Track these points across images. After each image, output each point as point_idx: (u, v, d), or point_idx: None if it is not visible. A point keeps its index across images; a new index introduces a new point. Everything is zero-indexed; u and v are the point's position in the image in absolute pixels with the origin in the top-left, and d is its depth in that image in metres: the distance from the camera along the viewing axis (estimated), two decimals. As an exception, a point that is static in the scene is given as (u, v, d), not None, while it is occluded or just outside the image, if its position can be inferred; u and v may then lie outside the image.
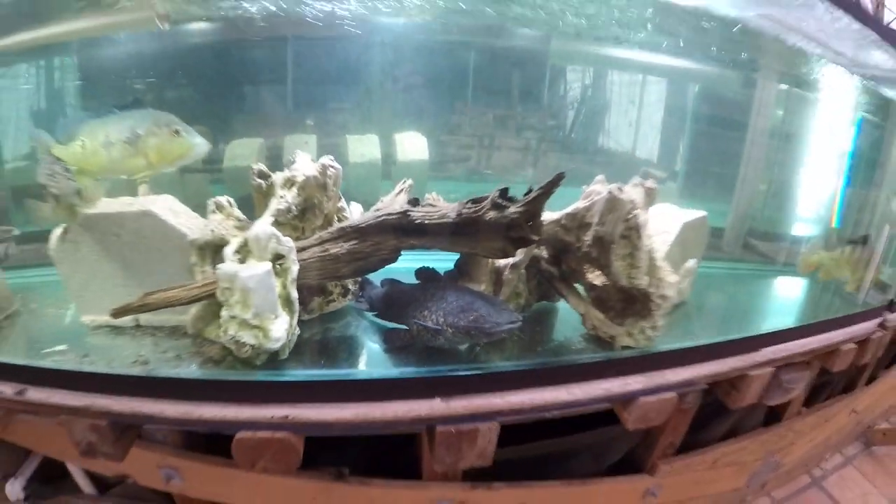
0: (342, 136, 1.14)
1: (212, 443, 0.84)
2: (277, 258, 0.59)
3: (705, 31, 1.02)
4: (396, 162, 1.09)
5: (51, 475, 1.03)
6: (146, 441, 0.80)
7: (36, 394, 0.72)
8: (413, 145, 1.08)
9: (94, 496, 1.04)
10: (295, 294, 0.59)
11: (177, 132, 0.78)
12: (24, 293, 0.91)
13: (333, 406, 0.64)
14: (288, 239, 0.59)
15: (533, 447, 0.97)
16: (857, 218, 1.15)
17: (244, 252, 0.60)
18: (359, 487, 0.85)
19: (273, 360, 0.64)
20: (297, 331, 0.62)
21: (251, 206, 0.76)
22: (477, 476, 0.92)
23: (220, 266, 0.57)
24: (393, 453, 0.92)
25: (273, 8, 0.81)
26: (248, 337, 0.56)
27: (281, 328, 0.57)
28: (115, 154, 0.80)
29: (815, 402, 1.45)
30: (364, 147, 1.11)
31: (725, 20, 1.02)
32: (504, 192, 0.59)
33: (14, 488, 1.00)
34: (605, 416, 0.96)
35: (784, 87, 1.21)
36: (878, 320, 1.22)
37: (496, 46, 1.08)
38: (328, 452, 0.86)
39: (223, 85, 1.08)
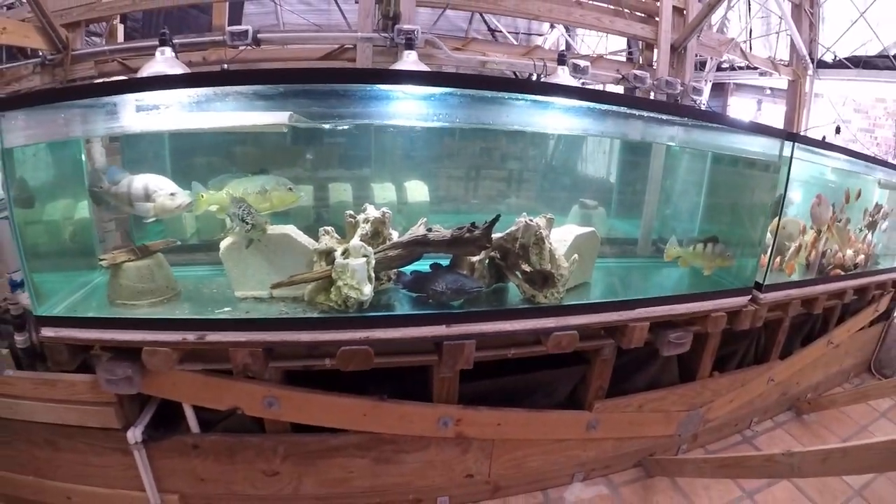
0: (368, 185, 2.12)
1: (298, 380, 1.74)
2: (364, 256, 1.54)
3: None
4: (407, 202, 2.07)
5: (163, 422, 1.75)
6: (258, 379, 1.70)
7: (213, 336, 1.62)
8: (418, 190, 2.07)
9: (199, 433, 1.87)
10: (373, 275, 1.53)
11: (290, 189, 1.75)
12: (181, 280, 1.79)
13: (390, 330, 1.56)
14: (370, 248, 1.54)
15: (504, 381, 1.89)
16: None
17: (347, 254, 1.54)
18: (394, 406, 1.76)
19: (359, 308, 1.57)
20: (372, 294, 1.56)
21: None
22: (469, 401, 1.84)
23: (339, 260, 1.50)
24: (413, 388, 1.82)
25: (327, 126, 1.79)
26: (353, 294, 1.49)
27: (368, 290, 1.50)
28: (251, 200, 1.75)
29: (728, 368, 2.42)
30: (384, 192, 2.08)
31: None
32: (473, 224, 1.56)
33: (135, 433, 1.64)
34: (551, 362, 1.90)
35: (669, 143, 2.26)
36: (747, 297, 2.19)
37: (476, 128, 2.09)
38: (374, 385, 1.76)
39: (289, 153, 2.06)
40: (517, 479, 2.03)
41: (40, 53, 2.62)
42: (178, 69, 1.85)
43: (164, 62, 1.84)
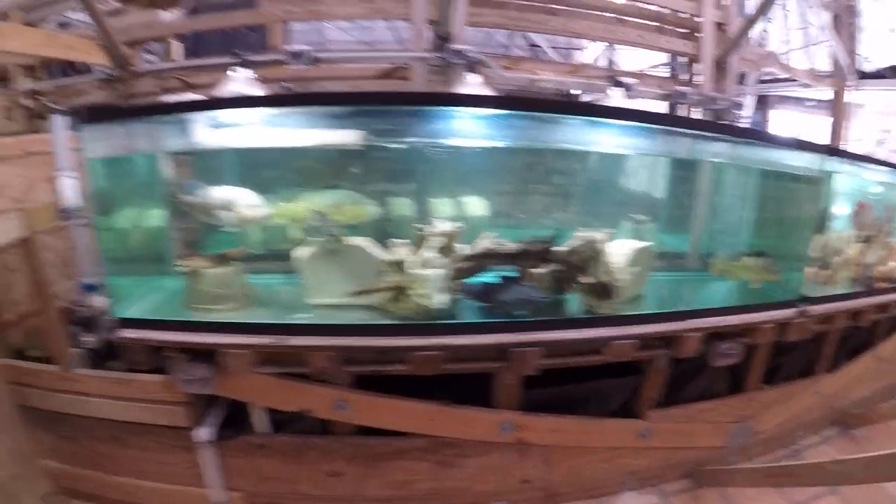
0: (427, 200, 2.28)
1: (366, 384, 1.88)
2: (437, 267, 1.69)
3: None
4: (465, 217, 2.22)
5: (227, 422, 1.88)
6: (329, 383, 1.84)
7: (293, 340, 1.75)
8: (475, 206, 2.22)
9: (269, 433, 2.01)
10: (445, 285, 1.69)
11: (362, 204, 1.91)
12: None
13: (460, 337, 1.70)
14: (443, 259, 1.70)
15: (560, 389, 2.02)
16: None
17: (420, 265, 1.70)
18: (458, 410, 1.89)
19: (430, 316, 1.72)
20: (444, 303, 1.71)
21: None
22: (529, 408, 1.96)
23: (414, 271, 1.66)
24: (476, 394, 1.95)
25: (397, 146, 1.94)
26: (426, 302, 1.64)
27: (441, 299, 1.65)
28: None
29: (775, 381, 2.51)
30: (442, 207, 2.25)
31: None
32: (538, 238, 1.72)
33: (203, 433, 1.78)
34: (605, 372, 2.03)
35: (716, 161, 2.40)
36: (795, 309, 2.29)
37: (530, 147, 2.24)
38: (440, 390, 1.89)
39: (360, 173, 2.23)
40: (572, 486, 2.14)
41: (94, 69, 2.83)
42: (255, 89, 2.04)
43: (242, 82, 2.03)
